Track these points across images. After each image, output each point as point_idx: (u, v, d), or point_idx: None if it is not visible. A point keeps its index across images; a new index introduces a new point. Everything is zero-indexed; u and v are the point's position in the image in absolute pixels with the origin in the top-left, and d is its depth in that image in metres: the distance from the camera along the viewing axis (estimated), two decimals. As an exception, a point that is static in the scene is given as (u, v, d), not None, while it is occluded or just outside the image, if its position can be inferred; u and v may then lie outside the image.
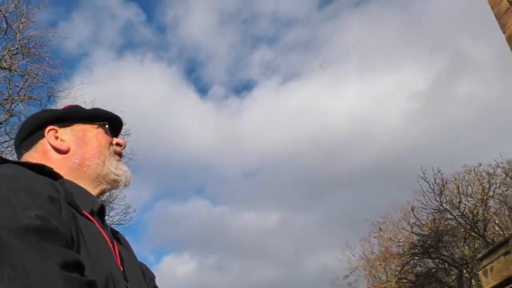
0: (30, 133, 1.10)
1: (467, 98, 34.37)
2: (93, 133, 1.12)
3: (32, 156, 1.07)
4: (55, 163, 1.03)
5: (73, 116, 1.13)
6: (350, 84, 44.62)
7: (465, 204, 21.96)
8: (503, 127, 29.28)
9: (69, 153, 1.07)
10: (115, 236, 1.06)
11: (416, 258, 22.81)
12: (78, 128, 1.12)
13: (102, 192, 1.10)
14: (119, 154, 1.16)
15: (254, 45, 53.62)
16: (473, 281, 20.56)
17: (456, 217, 21.80)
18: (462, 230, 21.86)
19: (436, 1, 40.13)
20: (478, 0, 6.46)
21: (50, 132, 1.08)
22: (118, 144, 1.17)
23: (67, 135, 1.10)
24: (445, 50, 41.16)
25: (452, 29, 40.27)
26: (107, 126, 1.16)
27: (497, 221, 22.03)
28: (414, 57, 42.47)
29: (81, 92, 12.11)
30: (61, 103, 12.15)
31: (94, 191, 1.06)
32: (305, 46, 49.06)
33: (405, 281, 23.18)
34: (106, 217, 1.10)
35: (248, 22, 48.96)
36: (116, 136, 1.20)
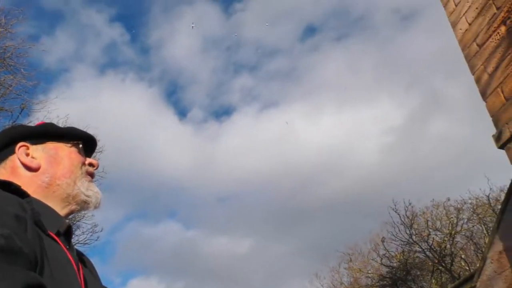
0: (0, 148, 1.07)
1: (439, 135, 35.48)
2: (66, 152, 1.10)
3: (0, 172, 1.04)
4: (24, 180, 1.01)
5: (47, 133, 1.11)
6: (327, 115, 45.46)
7: (433, 237, 22.33)
8: (472, 166, 30.27)
9: (39, 171, 1.04)
10: (81, 258, 1.03)
11: (385, 290, 22.86)
12: (51, 146, 1.10)
13: (71, 213, 1.07)
14: (91, 175, 1.14)
15: (236, 72, 54.24)
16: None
17: (425, 250, 22.09)
18: (430, 263, 22.13)
19: (412, 41, 41.82)
20: (451, 42, 6.76)
21: (21, 149, 1.06)
22: (90, 164, 1.15)
23: (38, 153, 1.07)
24: (419, 88, 42.68)
25: (426, 68, 41.86)
26: (80, 145, 1.15)
27: (463, 256, 22.42)
28: (390, 92, 43.75)
29: (56, 107, 11.92)
30: (33, 116, 11.92)
31: (62, 212, 1.04)
32: (286, 76, 50.03)
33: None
34: (72, 237, 1.07)
35: (231, 49, 49.69)
36: (90, 156, 1.19)
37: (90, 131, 1.20)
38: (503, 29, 5.72)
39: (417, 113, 38.36)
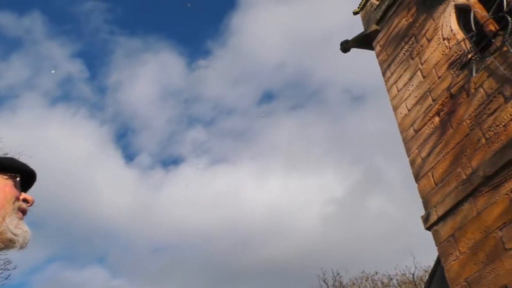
0: None
1: (376, 210, 36.90)
2: (0, 185, 1.04)
3: None
4: None
5: None
6: (274, 178, 46.07)
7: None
8: (403, 243, 31.48)
9: None
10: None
11: None
12: None
13: None
14: (24, 211, 1.07)
15: (190, 124, 54.38)
16: None
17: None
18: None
19: (360, 120, 44.56)
20: (394, 125, 7.28)
21: None
22: (25, 200, 1.09)
23: None
24: (362, 165, 44.87)
25: (370, 146, 44.35)
26: (18, 179, 1.08)
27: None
28: (335, 165, 45.48)
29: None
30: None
31: None
32: (239, 135, 50.85)
33: None
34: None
35: (189, 102, 50.14)
36: (26, 191, 1.12)
37: (23, 159, 1.14)
38: (437, 119, 6.26)
39: (358, 187, 40.04)
